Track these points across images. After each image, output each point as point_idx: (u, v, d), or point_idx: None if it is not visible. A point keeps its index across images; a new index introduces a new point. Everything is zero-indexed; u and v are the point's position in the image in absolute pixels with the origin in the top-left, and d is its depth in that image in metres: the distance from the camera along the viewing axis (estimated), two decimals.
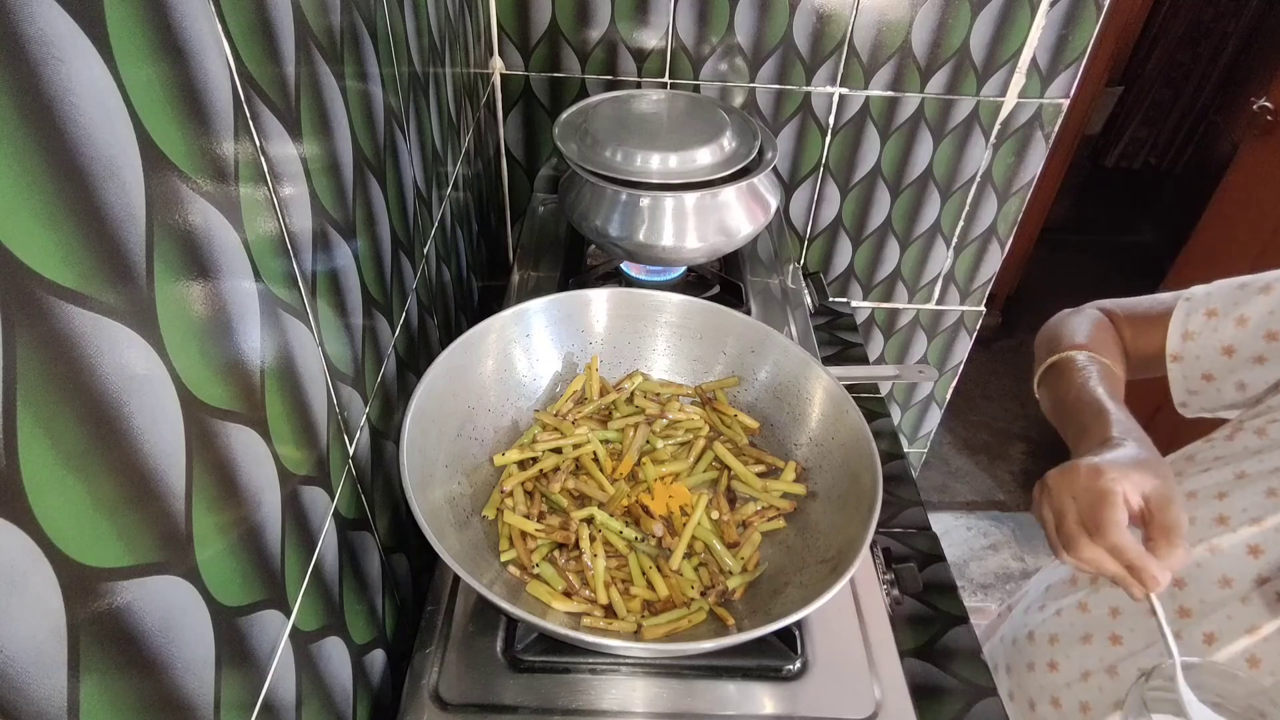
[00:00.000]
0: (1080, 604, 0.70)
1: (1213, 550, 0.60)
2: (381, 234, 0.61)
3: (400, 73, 0.65)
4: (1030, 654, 0.75)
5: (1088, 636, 0.68)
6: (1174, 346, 0.67)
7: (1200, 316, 0.66)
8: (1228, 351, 0.64)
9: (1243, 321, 0.63)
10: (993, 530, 2.01)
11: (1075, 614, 0.70)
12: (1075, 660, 0.69)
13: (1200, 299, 0.67)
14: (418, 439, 0.58)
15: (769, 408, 0.73)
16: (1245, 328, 0.63)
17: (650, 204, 0.85)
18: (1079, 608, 0.70)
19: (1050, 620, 0.73)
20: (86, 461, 0.27)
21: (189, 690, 0.34)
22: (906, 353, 1.58)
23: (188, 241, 0.33)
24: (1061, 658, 0.70)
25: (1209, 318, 0.65)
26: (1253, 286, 0.64)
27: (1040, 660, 0.73)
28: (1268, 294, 0.62)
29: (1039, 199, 2.19)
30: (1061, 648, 0.71)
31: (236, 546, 0.38)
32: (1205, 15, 2.76)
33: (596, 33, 1.15)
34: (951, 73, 1.19)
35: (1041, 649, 0.73)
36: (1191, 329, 0.66)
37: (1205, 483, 0.63)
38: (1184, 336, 0.66)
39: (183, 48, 0.32)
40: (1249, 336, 0.63)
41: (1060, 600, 0.73)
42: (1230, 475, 0.61)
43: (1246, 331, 0.63)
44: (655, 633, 0.57)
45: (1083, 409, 0.63)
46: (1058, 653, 0.71)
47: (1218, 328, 0.64)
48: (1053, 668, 0.71)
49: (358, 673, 0.56)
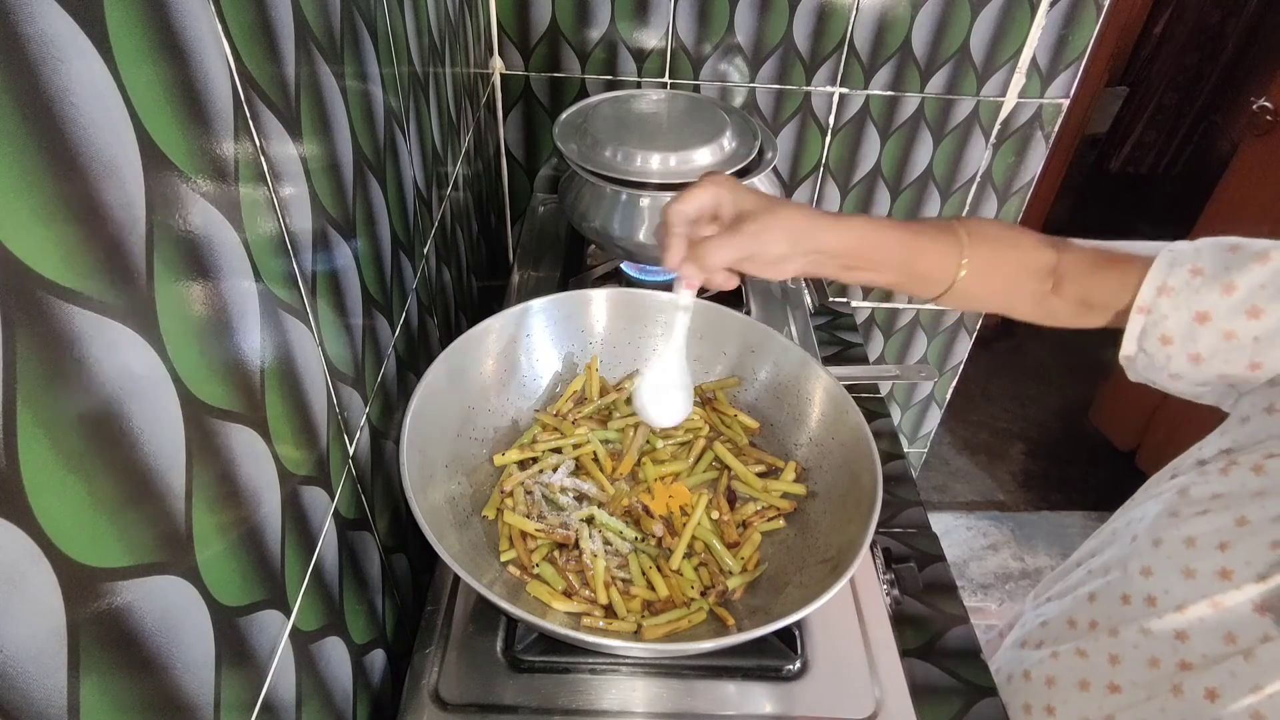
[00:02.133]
0: (1078, 650, 0.68)
1: (1216, 607, 0.57)
2: (381, 234, 0.61)
3: (400, 73, 0.65)
4: (1026, 694, 0.73)
5: (1085, 683, 0.66)
6: (1146, 298, 0.59)
7: (1184, 272, 0.58)
8: (1201, 318, 0.57)
9: (1229, 289, 0.56)
10: (993, 530, 2.01)
11: (1073, 659, 0.68)
12: (1073, 707, 0.67)
13: (1187, 254, 0.59)
14: (418, 439, 0.58)
15: (769, 408, 0.73)
16: (1230, 296, 0.56)
17: (650, 204, 0.85)
18: (1077, 653, 0.68)
19: (1047, 662, 0.71)
20: (86, 461, 0.27)
21: (189, 690, 0.34)
22: (906, 353, 1.58)
23: (188, 241, 0.33)
24: (1059, 703, 0.69)
25: (1193, 275, 0.58)
26: (1247, 251, 0.57)
27: (1037, 703, 0.71)
28: (1263, 262, 0.56)
29: (1039, 199, 2.19)
30: (1058, 691, 0.69)
31: (236, 546, 0.38)
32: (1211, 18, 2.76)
33: (596, 33, 1.15)
34: (951, 73, 1.19)
35: (1038, 691, 0.71)
36: (1171, 284, 0.58)
37: (1204, 528, 0.59)
38: (1160, 290, 0.59)
39: (183, 48, 0.32)
40: (1230, 307, 0.56)
41: (1058, 644, 0.71)
42: (1231, 521, 0.57)
43: (1230, 301, 0.56)
44: (655, 633, 0.57)
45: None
46: (1054, 697, 0.69)
47: (1199, 289, 0.57)
48: (1049, 712, 0.69)
49: (358, 673, 0.56)
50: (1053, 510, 2.08)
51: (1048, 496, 2.12)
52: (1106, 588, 0.67)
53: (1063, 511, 2.08)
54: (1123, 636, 0.64)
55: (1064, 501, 2.11)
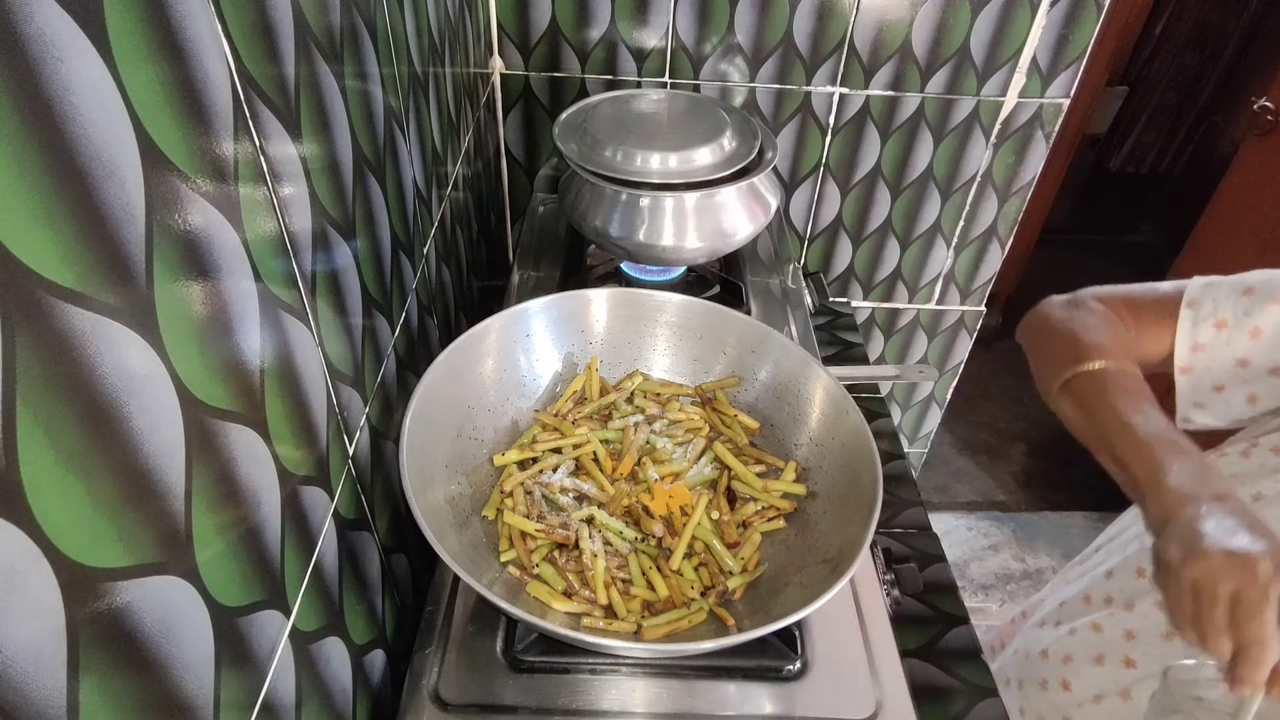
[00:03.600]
0: (1094, 624, 0.69)
1: None
2: (381, 234, 0.61)
3: (400, 73, 0.65)
4: (1043, 671, 0.74)
5: (1100, 658, 0.68)
6: (1183, 359, 0.65)
7: (1209, 328, 0.64)
8: (1242, 364, 0.63)
9: (1257, 334, 0.62)
10: (993, 530, 2.01)
11: (1089, 634, 0.70)
12: (1088, 681, 0.68)
13: (1205, 307, 0.64)
14: (417, 439, 0.58)
15: (769, 408, 0.73)
16: (1260, 340, 0.62)
17: (650, 204, 0.85)
18: (1093, 628, 0.69)
19: (1064, 639, 0.73)
20: (86, 461, 0.27)
21: (189, 690, 0.34)
22: (906, 353, 1.58)
23: (187, 241, 0.33)
24: (1074, 677, 0.70)
25: (1219, 329, 0.63)
26: (1261, 294, 0.62)
27: (1053, 678, 0.72)
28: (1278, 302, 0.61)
29: (1039, 199, 2.19)
30: (1074, 667, 0.70)
31: (236, 547, 0.38)
32: (1212, 18, 2.75)
33: (596, 32, 1.15)
34: (952, 72, 1.19)
35: (1054, 667, 0.73)
36: (1201, 340, 0.64)
37: None
38: (1193, 349, 0.64)
39: (183, 48, 0.32)
40: (1265, 348, 0.61)
41: (1075, 620, 0.72)
42: (1247, 496, 0.60)
43: (1261, 344, 0.62)
44: (655, 633, 0.57)
45: (1153, 443, 0.57)
46: (1070, 672, 0.71)
47: (1230, 340, 0.63)
48: (1065, 687, 0.71)
49: (357, 673, 0.56)
50: (1054, 511, 2.08)
51: (1049, 497, 2.12)
52: (1123, 563, 0.69)
53: (1064, 512, 2.08)
54: (1137, 610, 0.65)
55: (1065, 502, 2.11)
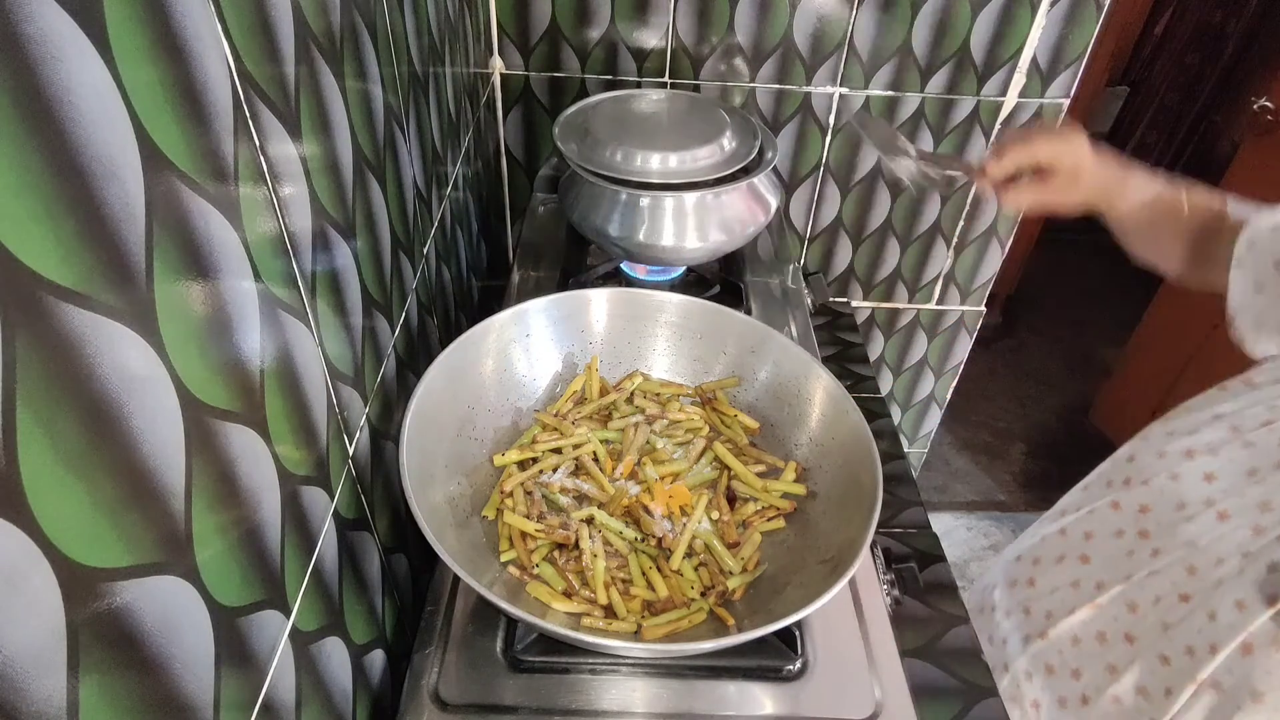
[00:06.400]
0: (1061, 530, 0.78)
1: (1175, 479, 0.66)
2: (381, 234, 0.61)
3: (400, 72, 0.65)
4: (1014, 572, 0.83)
5: (1061, 557, 0.77)
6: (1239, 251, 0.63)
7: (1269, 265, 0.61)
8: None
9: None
10: (993, 530, 2.01)
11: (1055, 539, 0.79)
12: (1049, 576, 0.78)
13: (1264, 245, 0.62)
14: (417, 439, 0.58)
15: (769, 408, 0.73)
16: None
17: (650, 204, 0.85)
18: (1059, 534, 0.78)
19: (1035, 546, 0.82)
20: (86, 461, 0.27)
21: (189, 690, 0.34)
22: (906, 353, 1.58)
23: (187, 241, 0.33)
24: (1039, 575, 0.79)
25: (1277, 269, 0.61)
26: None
27: (1021, 578, 0.82)
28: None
29: None
30: (1040, 566, 0.79)
31: (236, 547, 0.38)
32: (1212, 18, 2.75)
33: (596, 32, 1.15)
34: (952, 73, 1.19)
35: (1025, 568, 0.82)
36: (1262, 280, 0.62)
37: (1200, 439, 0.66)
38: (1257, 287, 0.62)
39: (183, 48, 0.32)
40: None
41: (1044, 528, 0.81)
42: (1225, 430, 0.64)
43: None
44: (655, 633, 0.57)
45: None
46: (1035, 571, 0.80)
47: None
48: (1030, 584, 0.80)
49: (357, 673, 0.56)
50: None
51: (1048, 497, 2.11)
52: (1096, 478, 0.77)
53: None
54: (1096, 513, 0.73)
55: None
